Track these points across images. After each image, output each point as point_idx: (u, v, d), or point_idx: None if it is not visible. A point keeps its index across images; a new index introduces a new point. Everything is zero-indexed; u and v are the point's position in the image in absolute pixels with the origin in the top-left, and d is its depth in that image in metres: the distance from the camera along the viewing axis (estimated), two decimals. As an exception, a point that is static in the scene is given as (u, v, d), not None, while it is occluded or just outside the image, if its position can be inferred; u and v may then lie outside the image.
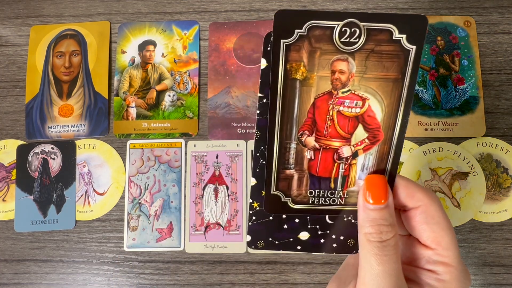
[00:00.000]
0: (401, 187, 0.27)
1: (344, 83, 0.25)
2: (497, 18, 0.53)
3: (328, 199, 0.29)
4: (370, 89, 0.26)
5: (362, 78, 0.25)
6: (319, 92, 0.26)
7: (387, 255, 0.25)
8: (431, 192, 0.27)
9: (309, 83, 0.26)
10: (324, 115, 0.27)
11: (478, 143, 0.50)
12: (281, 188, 0.29)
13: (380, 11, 0.54)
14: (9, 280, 0.49)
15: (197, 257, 0.49)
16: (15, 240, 0.50)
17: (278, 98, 0.26)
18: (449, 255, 0.26)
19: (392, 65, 0.25)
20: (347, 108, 0.26)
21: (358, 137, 0.27)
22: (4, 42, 0.56)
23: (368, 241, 0.26)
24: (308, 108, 0.26)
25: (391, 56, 0.24)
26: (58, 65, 0.54)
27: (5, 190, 0.51)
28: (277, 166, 0.28)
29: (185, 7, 0.55)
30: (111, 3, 0.56)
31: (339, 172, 0.28)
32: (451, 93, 0.51)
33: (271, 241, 0.29)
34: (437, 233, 0.26)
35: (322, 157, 0.28)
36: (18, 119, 0.53)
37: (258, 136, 0.28)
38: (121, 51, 0.54)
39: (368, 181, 0.27)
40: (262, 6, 0.55)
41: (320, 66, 0.25)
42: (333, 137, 0.27)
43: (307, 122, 0.27)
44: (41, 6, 0.56)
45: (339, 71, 0.25)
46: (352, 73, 0.25)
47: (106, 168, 0.51)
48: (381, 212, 0.26)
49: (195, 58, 0.54)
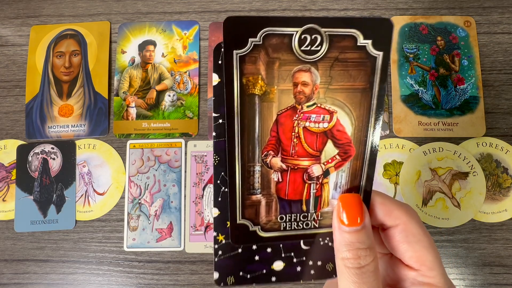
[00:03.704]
0: (377, 204, 0.25)
1: (309, 96, 0.23)
2: (497, 18, 0.53)
3: (301, 223, 0.26)
4: (337, 101, 0.23)
5: (328, 89, 0.23)
6: (281, 108, 0.23)
7: (366, 282, 0.24)
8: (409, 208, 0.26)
9: (269, 98, 0.23)
10: (289, 132, 0.24)
11: (478, 143, 0.50)
12: (248, 216, 0.26)
13: (380, 11, 0.54)
14: (9, 280, 0.49)
15: (197, 257, 0.49)
16: (15, 240, 0.50)
17: (235, 117, 0.23)
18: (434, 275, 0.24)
19: (359, 74, 0.22)
20: (313, 124, 0.24)
21: (328, 154, 0.25)
22: (4, 42, 0.56)
23: (346, 268, 0.24)
24: (271, 126, 0.24)
25: (357, 64, 0.22)
26: (58, 65, 0.54)
27: (5, 190, 0.51)
28: (241, 192, 0.25)
29: (185, 7, 0.55)
30: (111, 3, 0.56)
31: (310, 193, 0.26)
32: (451, 93, 0.51)
33: (242, 275, 0.26)
34: (419, 252, 0.25)
35: (290, 179, 0.25)
36: (18, 119, 0.53)
37: (217, 161, 0.25)
38: (121, 51, 0.54)
39: (342, 200, 0.25)
40: (262, 6, 0.55)
41: (280, 79, 0.22)
42: (301, 156, 0.25)
43: (271, 141, 0.24)
44: (41, 6, 0.56)
45: (301, 83, 0.23)
46: (317, 85, 0.23)
47: (106, 168, 0.51)
48: (358, 234, 0.24)
49: (195, 58, 0.54)
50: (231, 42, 0.21)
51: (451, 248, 0.48)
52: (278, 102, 0.23)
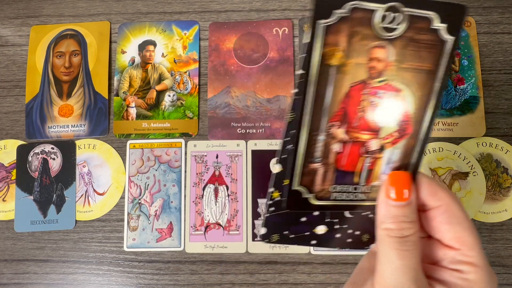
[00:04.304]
0: (423, 184, 0.26)
1: (381, 72, 0.24)
2: (497, 18, 0.53)
3: (352, 195, 0.27)
4: (405, 80, 0.24)
5: (399, 68, 0.24)
6: (354, 80, 0.24)
7: (407, 249, 0.25)
8: (452, 192, 0.27)
9: (345, 70, 0.24)
10: (356, 105, 0.25)
11: (478, 143, 0.50)
12: (304, 183, 0.27)
13: (380, 11, 0.54)
14: (9, 280, 0.49)
15: (197, 257, 0.49)
16: (15, 240, 0.50)
17: (311, 85, 0.24)
18: (474, 255, 0.25)
19: (428, 56, 0.23)
20: (380, 99, 0.25)
21: (387, 130, 0.26)
22: (4, 42, 0.56)
23: (388, 236, 0.25)
24: (341, 98, 0.24)
25: (429, 46, 0.23)
26: (58, 65, 0.54)
27: (5, 190, 0.51)
28: (303, 159, 0.26)
29: (185, 7, 0.55)
30: (111, 3, 0.56)
31: (364, 166, 0.27)
32: (451, 93, 0.51)
33: (286, 234, 0.28)
34: (460, 233, 0.25)
35: (349, 150, 0.26)
36: (18, 119, 0.53)
37: (292, 118, 0.25)
38: (121, 51, 0.54)
39: (392, 176, 0.26)
40: (262, 6, 0.55)
41: (357, 52, 0.23)
42: (362, 129, 0.26)
43: (339, 112, 0.25)
44: (41, 6, 0.56)
45: (376, 58, 0.23)
46: (390, 62, 0.24)
47: (106, 168, 0.51)
48: (404, 209, 0.25)
49: (195, 58, 0.54)
50: (319, 11, 0.22)
51: (451, 248, 0.48)
52: (352, 75, 0.24)
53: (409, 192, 0.25)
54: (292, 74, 0.52)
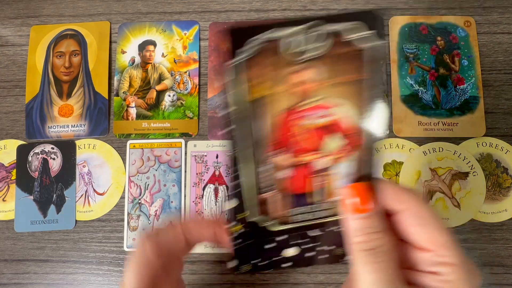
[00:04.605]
0: (385, 190, 0.26)
1: (308, 94, 0.24)
2: (497, 18, 0.53)
3: (310, 215, 0.27)
4: (336, 95, 0.24)
5: (326, 85, 0.23)
6: (282, 108, 0.24)
7: (380, 261, 0.24)
8: (417, 193, 0.26)
9: (270, 99, 0.24)
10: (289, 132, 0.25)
11: (478, 143, 0.50)
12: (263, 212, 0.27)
13: (380, 11, 0.54)
14: (9, 280, 0.49)
15: (197, 257, 0.49)
16: (15, 240, 0.50)
17: (243, 120, 0.24)
18: (449, 254, 0.25)
19: (351, 67, 0.23)
20: (315, 120, 0.24)
21: (332, 146, 0.26)
22: (4, 42, 0.56)
23: (359, 251, 0.25)
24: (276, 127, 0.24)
25: (349, 58, 0.23)
26: (58, 65, 0.54)
27: (5, 190, 0.51)
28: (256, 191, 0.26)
29: (185, 7, 0.55)
30: (111, 3, 0.56)
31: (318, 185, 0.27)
32: (451, 93, 0.51)
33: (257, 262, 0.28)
34: (431, 233, 0.25)
35: (297, 174, 0.26)
36: (18, 119, 0.53)
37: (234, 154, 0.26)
38: (121, 51, 0.54)
39: (349, 190, 0.25)
40: (262, 6, 0.55)
41: (279, 80, 0.23)
42: (305, 151, 0.26)
43: (276, 140, 0.25)
44: (41, 6, 0.56)
45: (299, 82, 0.23)
46: (315, 83, 0.23)
47: (106, 168, 0.51)
48: (369, 220, 0.25)
49: (195, 58, 0.54)
50: (234, 48, 0.22)
51: (451, 248, 0.48)
52: (279, 103, 0.24)
53: (369, 202, 0.25)
54: (292, 74, 0.52)
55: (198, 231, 0.30)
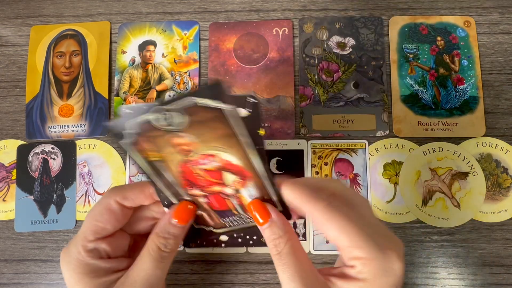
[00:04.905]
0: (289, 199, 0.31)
1: (190, 150, 0.29)
2: (497, 18, 0.53)
3: (241, 221, 0.35)
4: (214, 146, 0.29)
5: (203, 142, 0.28)
6: (176, 162, 0.30)
7: (285, 263, 0.29)
8: (319, 193, 0.29)
9: (165, 159, 0.30)
10: (193, 174, 0.31)
11: (478, 143, 0.50)
12: (201, 223, 0.35)
13: (380, 11, 0.54)
14: (9, 280, 0.49)
15: (197, 257, 0.49)
16: (15, 240, 0.50)
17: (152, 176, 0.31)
18: (361, 248, 0.27)
19: (217, 125, 0.27)
20: (206, 165, 0.30)
21: (230, 179, 0.31)
22: (4, 42, 0.56)
23: (272, 256, 0.30)
24: (178, 175, 0.31)
25: (210, 118, 0.26)
26: (58, 65, 0.54)
27: (5, 190, 0.51)
28: None
29: (185, 7, 0.55)
30: (111, 3, 0.56)
31: (233, 203, 0.33)
32: (451, 93, 0.51)
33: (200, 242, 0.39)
34: (338, 230, 0.28)
35: (214, 198, 0.33)
36: (18, 119, 0.53)
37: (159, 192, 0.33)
38: (121, 51, 0.54)
39: (250, 206, 0.31)
40: (262, 6, 0.55)
41: (163, 147, 0.29)
42: (211, 185, 0.32)
43: (184, 183, 0.31)
44: (41, 6, 0.56)
45: (178, 144, 0.29)
46: (192, 142, 0.28)
47: (106, 168, 0.51)
48: (270, 229, 0.30)
49: (195, 58, 0.54)
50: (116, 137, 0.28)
51: (451, 248, 0.48)
52: (173, 159, 0.30)
53: (267, 215, 0.31)
54: (292, 74, 0.52)
55: None
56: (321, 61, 0.53)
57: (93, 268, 0.31)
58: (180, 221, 0.32)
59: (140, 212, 0.35)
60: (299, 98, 0.52)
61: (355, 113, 0.51)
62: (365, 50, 0.53)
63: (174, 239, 0.32)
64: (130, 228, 0.35)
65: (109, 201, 0.32)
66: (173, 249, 0.32)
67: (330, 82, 0.52)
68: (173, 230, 0.32)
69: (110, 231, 0.33)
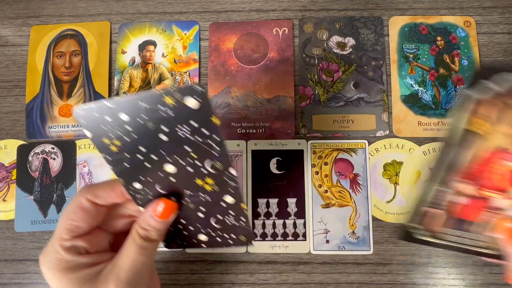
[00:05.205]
0: None
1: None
2: (497, 18, 0.53)
3: (468, 239, 0.32)
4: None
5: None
6: (493, 145, 0.26)
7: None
8: None
9: (489, 137, 0.26)
10: (491, 168, 0.27)
11: (478, 143, 0.50)
12: (419, 222, 0.32)
13: (380, 11, 0.54)
14: (9, 280, 0.49)
15: (197, 257, 0.49)
16: (15, 240, 0.50)
17: (452, 147, 0.27)
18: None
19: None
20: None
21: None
22: (4, 42, 0.56)
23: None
24: (479, 161, 0.27)
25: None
26: (58, 65, 0.54)
27: (5, 190, 0.51)
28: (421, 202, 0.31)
29: (185, 7, 0.55)
30: (111, 3, 0.56)
31: (484, 219, 0.30)
32: (451, 93, 0.51)
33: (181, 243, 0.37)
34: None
35: (472, 204, 0.29)
36: (18, 119, 0.53)
37: None
38: (121, 51, 0.54)
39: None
40: (262, 6, 0.55)
41: (505, 123, 0.25)
42: (491, 188, 0.28)
43: (468, 171, 0.28)
44: (41, 6, 0.56)
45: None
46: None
47: (106, 168, 0.51)
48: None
49: (195, 58, 0.54)
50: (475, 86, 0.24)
51: (451, 248, 0.48)
52: (495, 142, 0.26)
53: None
54: (292, 74, 0.52)
55: None
56: (321, 61, 0.53)
57: (73, 264, 0.31)
58: (161, 216, 0.32)
59: (116, 210, 0.35)
60: (299, 98, 0.52)
61: (355, 113, 0.51)
62: (365, 50, 0.53)
63: (156, 231, 0.32)
64: (108, 227, 0.35)
65: (81, 200, 0.32)
66: (156, 239, 0.33)
67: (330, 82, 0.52)
68: (154, 224, 0.32)
69: (85, 229, 0.33)
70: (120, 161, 0.30)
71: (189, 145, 0.29)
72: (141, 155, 0.30)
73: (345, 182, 0.49)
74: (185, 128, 0.28)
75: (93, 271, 0.31)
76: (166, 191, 0.33)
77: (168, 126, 0.28)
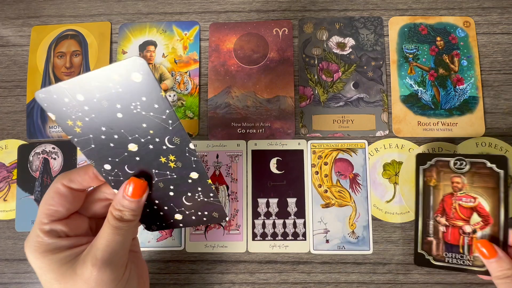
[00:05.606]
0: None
1: (460, 188, 0.42)
2: (496, 18, 0.53)
3: (460, 260, 0.42)
4: (478, 192, 0.42)
5: (472, 186, 0.42)
6: (445, 193, 0.43)
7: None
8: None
9: (438, 187, 0.44)
10: (450, 205, 0.43)
11: (477, 143, 0.50)
12: (425, 249, 0.44)
13: (379, 11, 0.54)
14: (10, 280, 0.49)
15: (197, 257, 0.49)
16: (16, 239, 0.50)
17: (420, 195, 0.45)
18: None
19: (489, 179, 0.41)
20: (464, 202, 0.42)
21: (475, 219, 0.42)
22: (5, 42, 0.56)
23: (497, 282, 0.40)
24: (439, 202, 0.44)
25: (487, 174, 0.41)
26: (59, 65, 0.54)
27: (6, 190, 0.51)
28: (422, 234, 0.44)
29: (185, 8, 0.56)
30: (111, 4, 0.56)
31: (464, 241, 0.42)
32: (451, 93, 0.51)
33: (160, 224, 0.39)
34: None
35: (452, 231, 0.43)
36: (19, 119, 0.53)
37: None
38: (121, 51, 0.54)
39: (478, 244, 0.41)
40: (262, 7, 0.55)
41: (444, 179, 0.43)
42: (457, 219, 0.43)
43: (439, 209, 0.44)
44: (42, 6, 0.57)
45: (456, 182, 0.43)
46: (465, 184, 0.42)
47: (106, 168, 0.51)
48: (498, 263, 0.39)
49: (195, 58, 0.54)
50: (419, 164, 0.45)
51: (450, 248, 0.48)
52: (443, 190, 0.43)
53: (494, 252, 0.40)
54: (291, 75, 0.53)
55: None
56: (321, 61, 0.53)
57: (53, 246, 0.33)
58: (133, 196, 0.33)
59: (93, 194, 0.37)
60: (299, 98, 0.52)
61: (355, 113, 0.51)
62: (364, 50, 0.53)
63: (130, 211, 0.33)
64: (86, 211, 0.37)
65: (57, 185, 0.34)
66: (130, 220, 0.34)
67: (330, 82, 0.52)
68: (127, 204, 0.33)
69: (64, 214, 0.34)
70: (86, 142, 0.31)
71: (144, 121, 0.30)
72: (104, 135, 0.31)
73: (345, 182, 0.50)
74: (137, 104, 0.28)
75: (73, 253, 0.33)
76: (135, 171, 0.34)
77: (122, 103, 0.29)
